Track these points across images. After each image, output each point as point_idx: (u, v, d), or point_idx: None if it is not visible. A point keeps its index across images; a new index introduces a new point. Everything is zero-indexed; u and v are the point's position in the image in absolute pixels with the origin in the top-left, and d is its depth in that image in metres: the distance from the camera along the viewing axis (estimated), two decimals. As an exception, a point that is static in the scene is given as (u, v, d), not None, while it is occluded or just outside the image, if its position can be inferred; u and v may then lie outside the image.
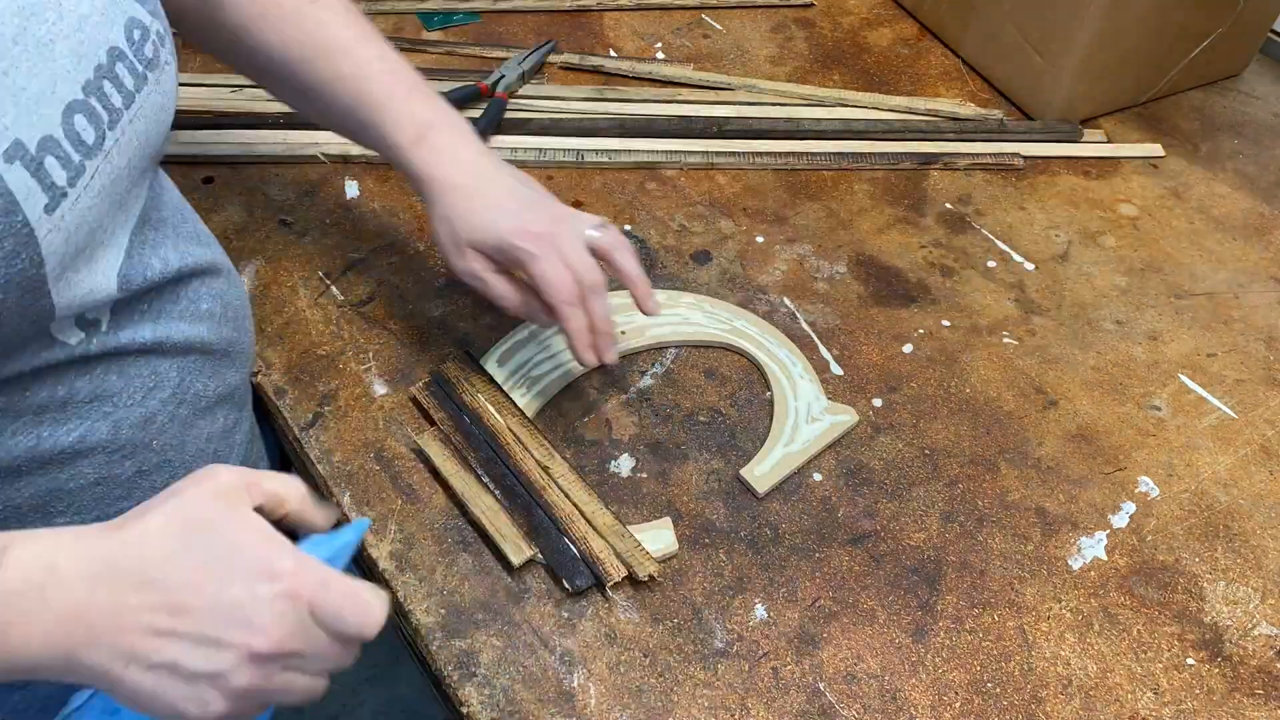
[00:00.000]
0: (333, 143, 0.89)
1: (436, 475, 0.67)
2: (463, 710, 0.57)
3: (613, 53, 1.04)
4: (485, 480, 0.65)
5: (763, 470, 0.68)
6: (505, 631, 0.60)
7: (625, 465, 0.69)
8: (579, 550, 0.62)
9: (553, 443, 0.68)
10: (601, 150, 0.92)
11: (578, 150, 0.92)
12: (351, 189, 0.87)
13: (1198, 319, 0.82)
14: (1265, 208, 0.93)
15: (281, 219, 0.84)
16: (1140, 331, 0.81)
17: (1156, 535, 0.67)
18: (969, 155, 0.94)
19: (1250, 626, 0.63)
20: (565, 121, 0.94)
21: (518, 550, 0.62)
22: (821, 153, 0.93)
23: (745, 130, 0.95)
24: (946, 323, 0.80)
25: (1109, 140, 0.99)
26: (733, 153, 0.93)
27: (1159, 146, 0.98)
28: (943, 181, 0.93)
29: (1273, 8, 1.03)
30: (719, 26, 1.10)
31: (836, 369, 0.76)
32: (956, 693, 0.59)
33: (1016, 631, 0.62)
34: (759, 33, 1.09)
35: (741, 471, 0.68)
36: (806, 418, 0.71)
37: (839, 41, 1.09)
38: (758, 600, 0.62)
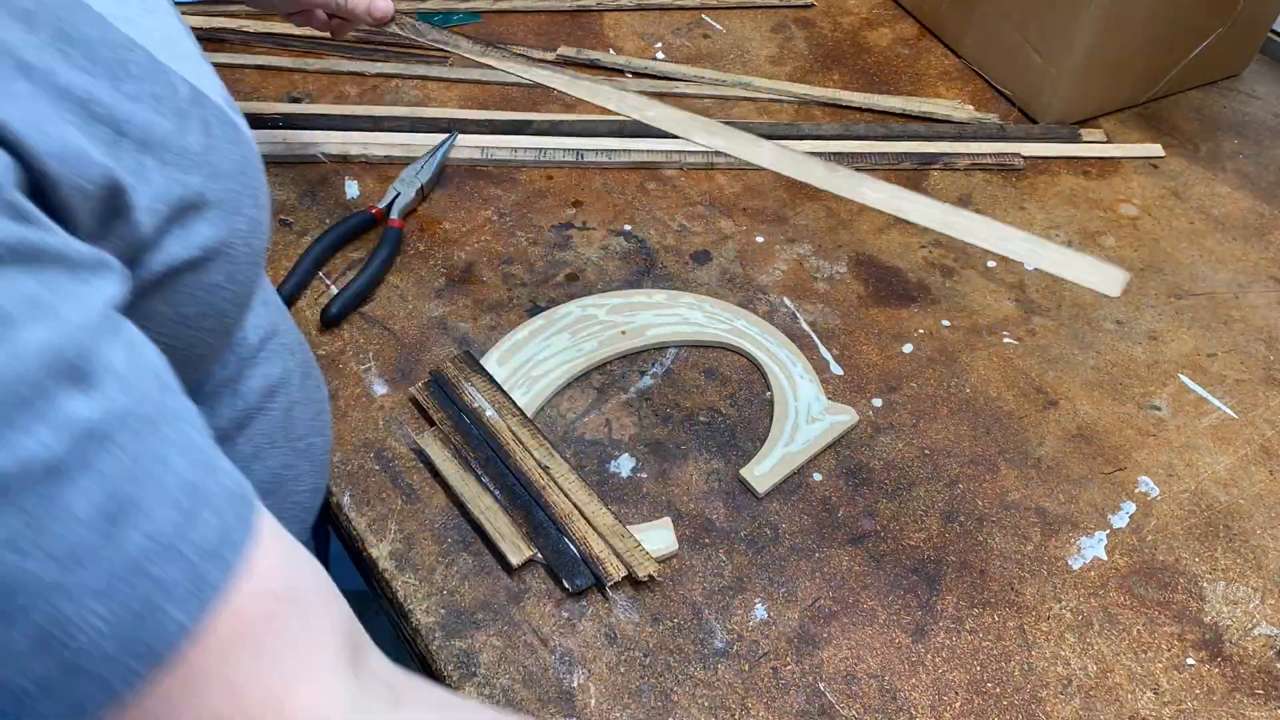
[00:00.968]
0: (332, 142, 0.89)
1: (436, 475, 0.67)
2: (463, 710, 0.57)
3: (612, 52, 1.04)
4: (485, 480, 0.65)
5: (763, 470, 0.68)
6: (505, 631, 0.60)
7: (625, 465, 0.69)
8: (579, 550, 0.62)
9: (553, 443, 0.68)
10: (601, 150, 0.92)
11: (577, 150, 0.92)
12: (351, 189, 0.87)
13: (1198, 319, 0.82)
14: (1265, 208, 0.93)
15: (281, 219, 0.84)
16: (1140, 331, 0.81)
17: (1156, 535, 0.67)
18: (969, 155, 0.94)
19: (1250, 626, 0.63)
20: (564, 123, 0.94)
21: (517, 550, 0.62)
22: (822, 153, 0.93)
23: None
24: (946, 323, 0.80)
25: (1109, 140, 0.99)
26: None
27: (1159, 146, 0.98)
28: (943, 181, 0.93)
29: (1273, 8, 1.03)
30: (719, 26, 1.10)
31: (836, 369, 0.76)
32: (956, 693, 0.59)
33: (1016, 631, 0.62)
34: (759, 33, 1.09)
35: (741, 471, 0.68)
36: (806, 418, 0.71)
37: (839, 42, 1.09)
38: (758, 600, 0.62)
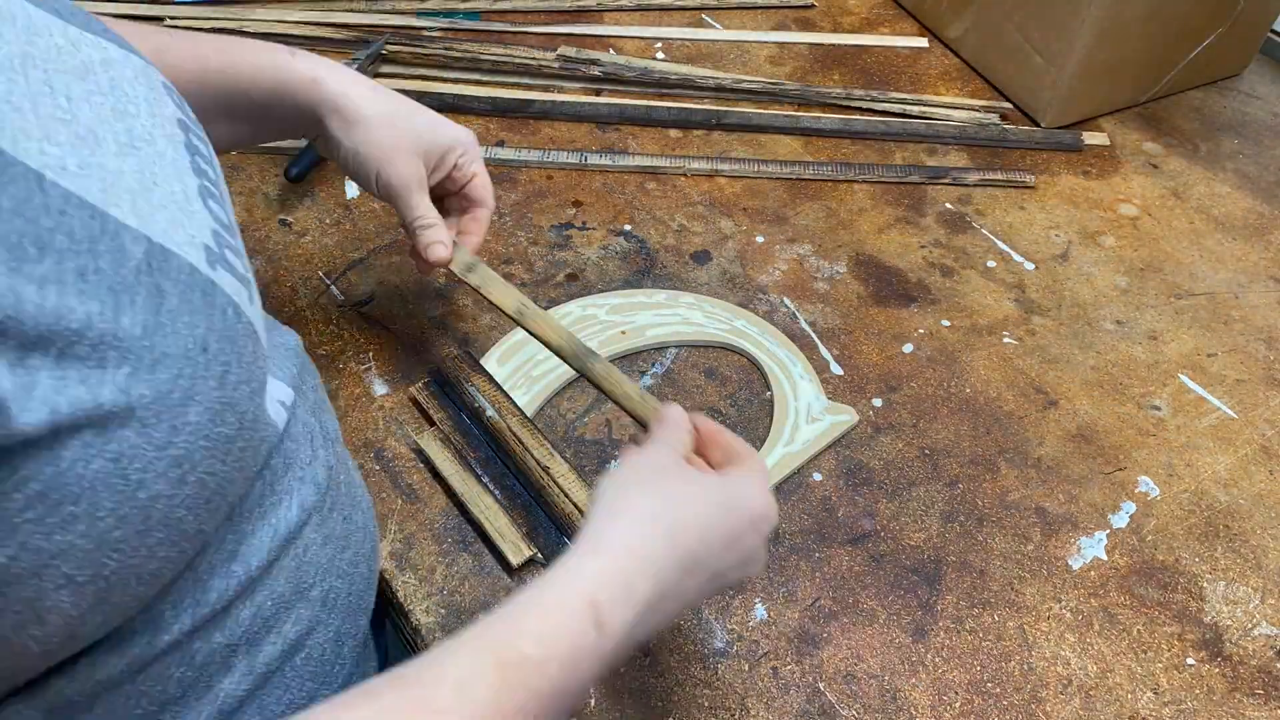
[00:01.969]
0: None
1: (436, 475, 0.67)
2: (463, 710, 0.57)
3: (612, 51, 1.04)
4: (485, 480, 0.66)
5: (763, 470, 0.68)
6: (505, 631, 0.60)
7: (625, 465, 0.69)
8: (579, 550, 0.62)
9: (553, 443, 0.68)
10: (604, 151, 0.92)
11: (580, 151, 0.92)
12: (351, 189, 0.87)
13: (1198, 319, 0.82)
14: (1265, 208, 0.93)
15: (281, 219, 0.84)
16: (1140, 331, 0.81)
17: (1156, 535, 0.67)
18: (978, 171, 0.93)
19: (1250, 626, 0.63)
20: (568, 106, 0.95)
21: (517, 550, 0.62)
22: (828, 163, 0.93)
23: (745, 124, 0.96)
24: (946, 323, 0.80)
25: (1109, 140, 0.99)
26: (738, 159, 0.93)
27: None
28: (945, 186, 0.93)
29: (1273, 8, 1.03)
30: (719, 27, 1.10)
31: (836, 369, 0.76)
32: (956, 693, 0.59)
33: (1016, 631, 0.62)
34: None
35: (741, 471, 0.68)
36: (806, 418, 0.71)
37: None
38: (758, 600, 0.62)
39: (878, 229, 0.88)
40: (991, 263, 0.85)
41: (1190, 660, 0.61)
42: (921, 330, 0.79)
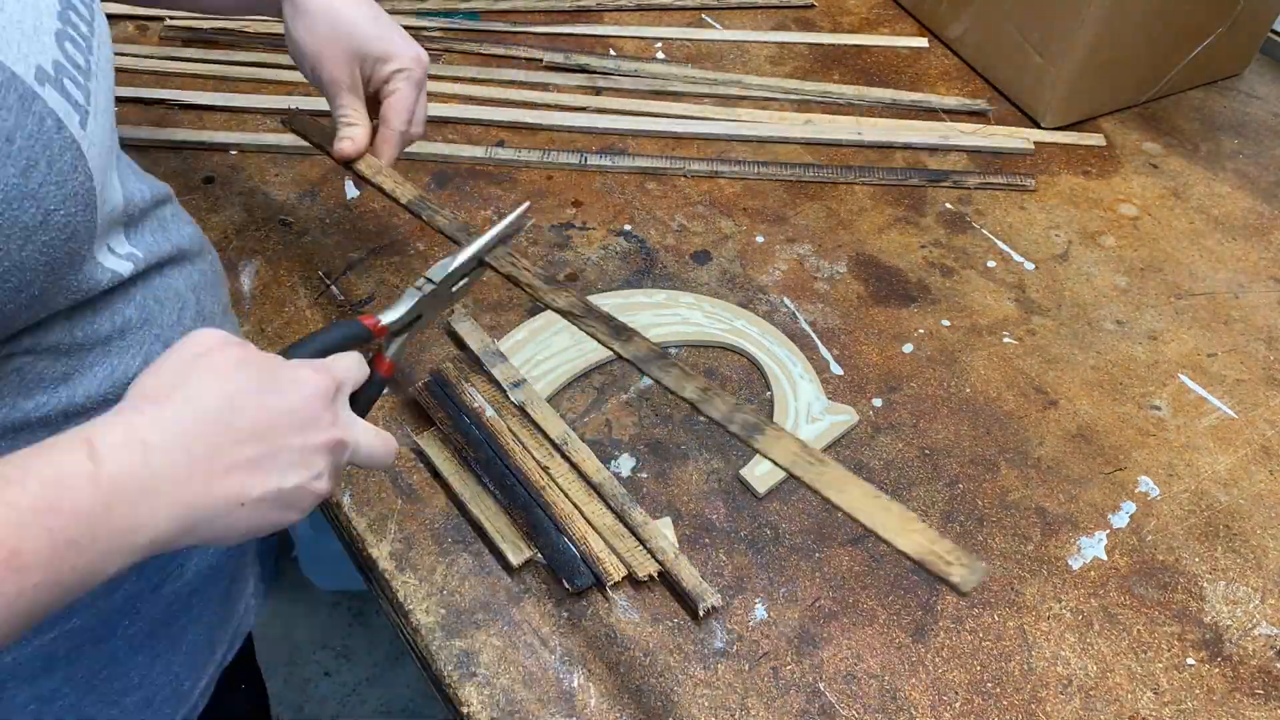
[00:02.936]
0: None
1: (436, 475, 0.67)
2: (463, 710, 0.57)
3: (612, 52, 1.04)
4: (485, 480, 0.65)
5: (763, 470, 0.68)
6: (505, 631, 0.60)
7: (625, 465, 0.69)
8: (579, 550, 0.62)
9: (553, 443, 0.68)
10: (604, 152, 0.92)
11: (580, 152, 0.92)
12: (351, 189, 0.87)
13: (1198, 319, 0.82)
14: (1265, 208, 0.93)
15: (281, 219, 0.84)
16: (1140, 331, 0.81)
17: (1156, 535, 0.67)
18: (979, 174, 0.93)
19: (1250, 626, 0.63)
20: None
21: (517, 550, 0.62)
22: (828, 165, 0.93)
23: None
24: (946, 323, 0.80)
25: (1109, 140, 0.99)
26: (738, 160, 0.93)
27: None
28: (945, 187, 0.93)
29: (1273, 8, 1.03)
30: (719, 27, 1.10)
31: (836, 369, 0.76)
32: (956, 693, 0.59)
33: (1016, 631, 0.62)
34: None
35: (741, 471, 0.68)
36: (806, 418, 0.71)
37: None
38: (758, 600, 0.62)
39: (878, 229, 0.88)
40: (991, 263, 0.85)
41: (1190, 660, 0.61)
42: (921, 330, 0.79)
